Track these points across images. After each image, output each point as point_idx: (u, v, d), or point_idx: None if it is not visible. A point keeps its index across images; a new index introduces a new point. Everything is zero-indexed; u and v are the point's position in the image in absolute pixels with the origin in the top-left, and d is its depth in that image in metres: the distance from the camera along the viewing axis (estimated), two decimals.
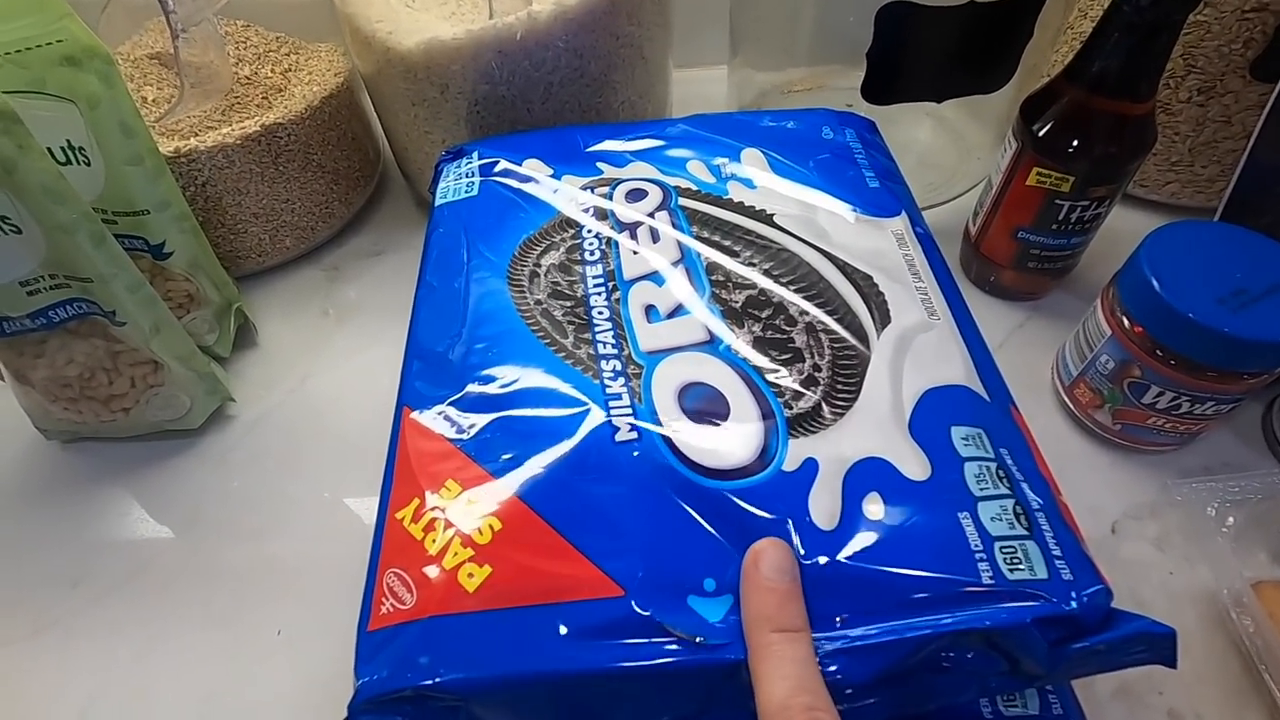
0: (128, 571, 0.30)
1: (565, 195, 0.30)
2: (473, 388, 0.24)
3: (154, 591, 0.30)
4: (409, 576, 0.20)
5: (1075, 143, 0.30)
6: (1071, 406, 0.32)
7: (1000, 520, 0.20)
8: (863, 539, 0.19)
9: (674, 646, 0.18)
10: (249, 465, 0.34)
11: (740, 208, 0.29)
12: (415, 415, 0.24)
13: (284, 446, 0.34)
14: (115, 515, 0.32)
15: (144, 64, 0.43)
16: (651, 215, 0.28)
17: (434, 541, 0.20)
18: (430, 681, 0.18)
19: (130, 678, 0.27)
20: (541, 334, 0.25)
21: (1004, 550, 0.19)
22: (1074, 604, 0.18)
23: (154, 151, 0.30)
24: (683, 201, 0.29)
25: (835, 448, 0.21)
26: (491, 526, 0.20)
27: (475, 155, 0.32)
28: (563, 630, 0.18)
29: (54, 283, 0.28)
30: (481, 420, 0.23)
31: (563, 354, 0.24)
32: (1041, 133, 0.31)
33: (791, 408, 0.22)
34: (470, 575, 0.19)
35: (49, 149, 0.26)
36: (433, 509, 0.21)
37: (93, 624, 0.29)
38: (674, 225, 0.28)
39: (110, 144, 0.29)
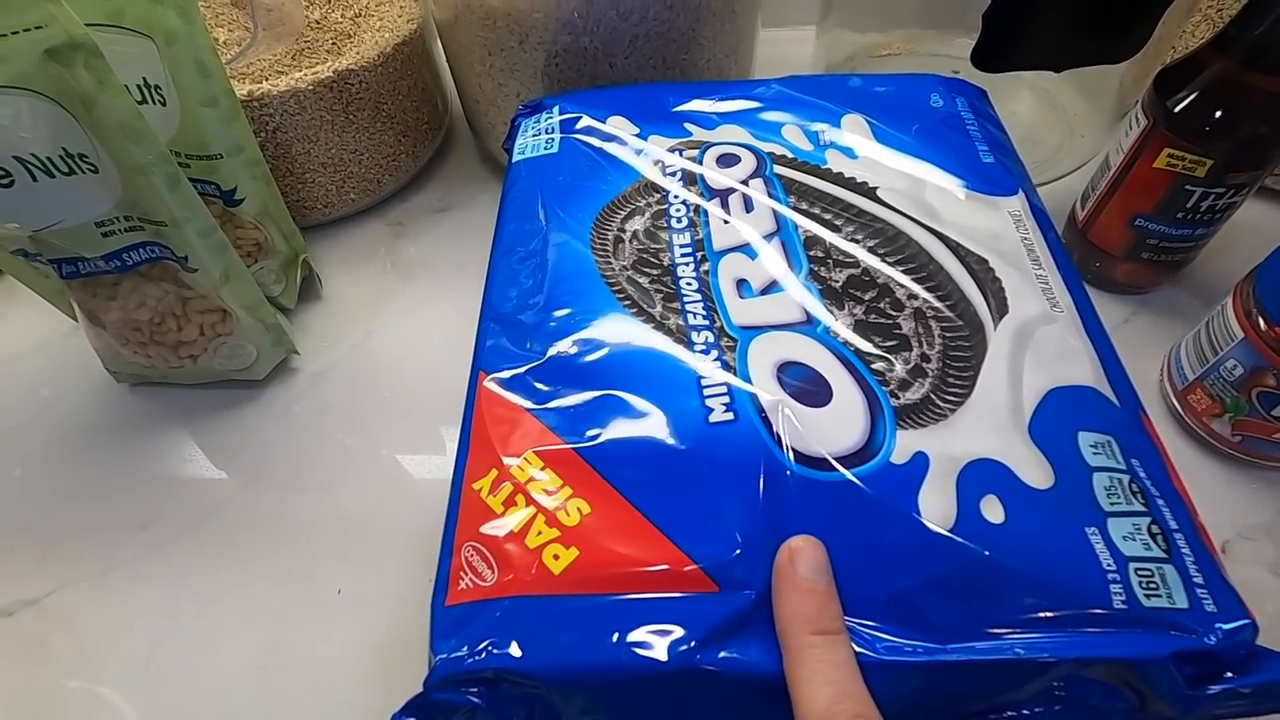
0: (194, 517, 0.30)
1: (651, 157, 0.28)
2: (554, 355, 0.22)
3: (219, 539, 0.30)
4: (489, 552, 0.19)
5: (1218, 120, 0.27)
6: (1182, 413, 0.30)
7: (1134, 540, 0.18)
8: (981, 544, 0.18)
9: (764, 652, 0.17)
10: (311, 419, 0.33)
11: (840, 179, 0.26)
12: (492, 381, 0.23)
13: (346, 402, 0.34)
14: (182, 460, 0.32)
15: (216, 4, 0.42)
16: (744, 183, 0.26)
17: (515, 517, 0.19)
18: (515, 666, 0.17)
19: (195, 625, 0.27)
20: (627, 302, 0.23)
21: (1140, 573, 0.17)
22: (1216, 639, 0.16)
23: (229, 93, 0.30)
24: (778, 170, 0.27)
25: (947, 444, 0.19)
26: (580, 509, 0.19)
27: (556, 110, 0.30)
28: (656, 626, 0.17)
29: (129, 225, 0.27)
30: (563, 391, 0.22)
31: (651, 324, 0.23)
32: (1179, 108, 0.28)
33: (898, 397, 0.20)
34: (556, 557, 0.18)
35: (125, 86, 0.25)
36: (512, 482, 0.20)
37: (160, 568, 0.29)
38: (769, 194, 0.26)
39: (186, 83, 0.28)
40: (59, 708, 0.26)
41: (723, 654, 0.17)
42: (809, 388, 0.20)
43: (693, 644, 0.17)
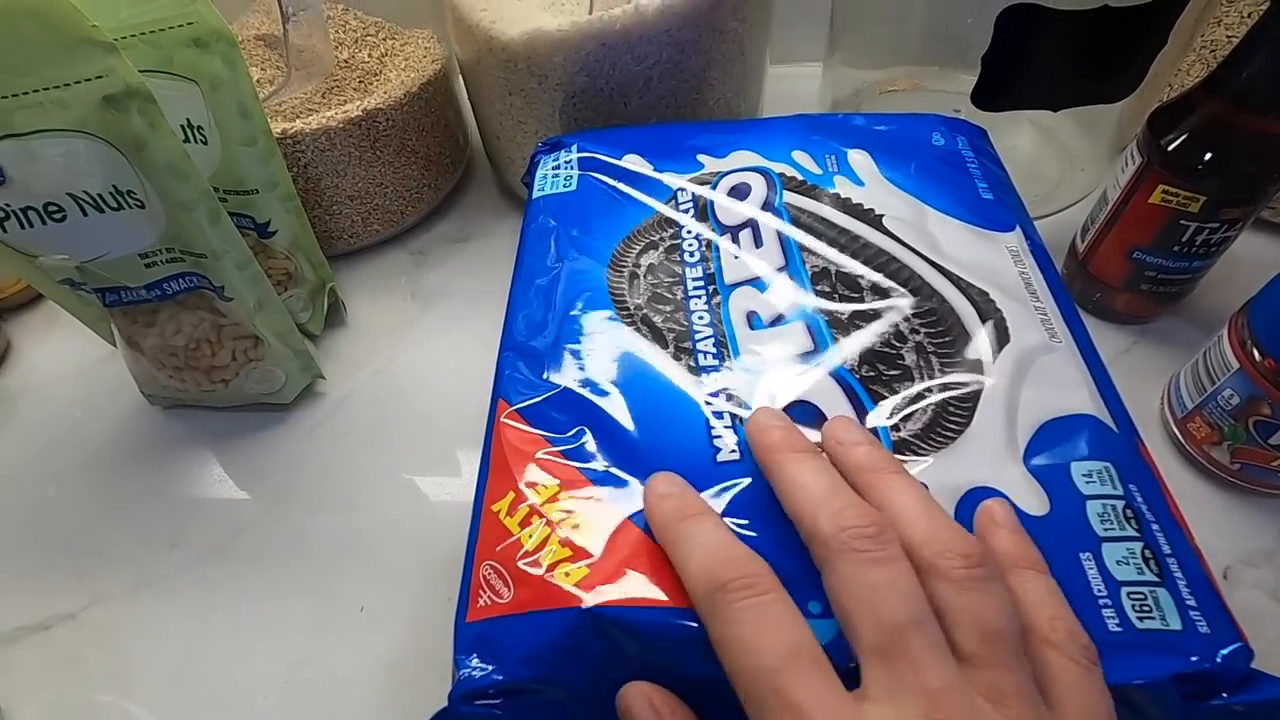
0: (222, 536, 0.31)
1: (665, 193, 0.29)
2: (569, 386, 0.24)
3: (247, 558, 0.31)
4: (506, 570, 0.20)
5: (1209, 160, 0.29)
6: (1183, 441, 0.30)
7: (1127, 564, 0.18)
8: None
9: None
10: (335, 442, 0.35)
11: (848, 205, 0.28)
12: (511, 409, 0.24)
13: (369, 426, 0.35)
14: (212, 481, 0.33)
15: (250, 45, 0.44)
16: (754, 217, 0.28)
17: (530, 537, 0.20)
18: (532, 676, 0.18)
19: (222, 642, 0.28)
20: (642, 341, 0.24)
21: (1132, 596, 0.18)
22: (1212, 661, 0.17)
23: (267, 133, 0.31)
24: (788, 198, 0.28)
25: (945, 474, 0.20)
26: (591, 530, 0.20)
27: (574, 148, 0.32)
28: (659, 636, 0.18)
29: (170, 256, 0.29)
30: (578, 421, 0.23)
31: (662, 364, 0.24)
32: (1171, 147, 0.29)
33: (899, 430, 0.21)
34: (567, 574, 0.19)
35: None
36: (528, 504, 0.21)
37: (189, 585, 0.30)
38: (778, 228, 0.27)
39: (228, 124, 0.30)
40: (90, 719, 0.27)
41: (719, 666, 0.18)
42: (812, 430, 0.21)
43: (700, 652, 0.18)
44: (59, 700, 0.28)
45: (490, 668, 0.18)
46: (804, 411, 0.22)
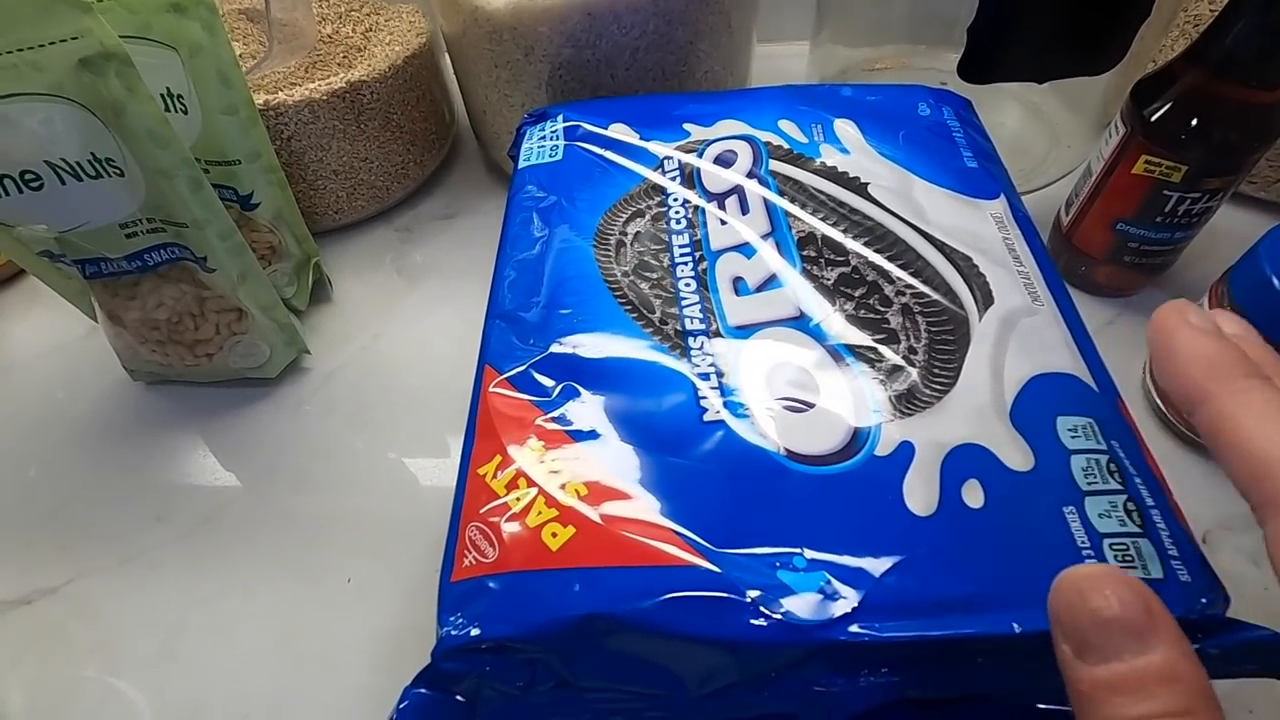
0: (208, 510, 0.31)
1: (651, 160, 0.29)
2: (556, 351, 0.24)
3: (232, 532, 0.31)
4: (491, 531, 0.20)
5: (1191, 129, 0.29)
6: (1164, 409, 0.31)
7: (1110, 516, 0.19)
8: (961, 527, 0.19)
9: (757, 620, 0.18)
10: (321, 417, 0.34)
11: (834, 174, 0.28)
12: (499, 376, 0.24)
13: (355, 402, 0.35)
14: (197, 456, 0.33)
15: (231, 18, 0.44)
16: (740, 184, 0.28)
17: (517, 499, 0.20)
18: (513, 634, 0.18)
19: (209, 615, 0.28)
20: (628, 306, 0.24)
21: (1114, 548, 0.18)
22: (1194, 608, 0.17)
23: (249, 102, 0.31)
24: (774, 166, 0.28)
25: (931, 432, 0.20)
26: (577, 491, 0.20)
27: (560, 118, 0.32)
28: (645, 593, 0.18)
29: (151, 226, 0.29)
30: (564, 385, 0.23)
31: (649, 328, 0.24)
32: (1154, 117, 0.30)
33: (885, 389, 0.21)
34: (554, 535, 0.19)
35: None
36: (515, 466, 0.21)
37: (176, 559, 0.30)
38: (764, 196, 0.27)
39: (208, 93, 0.30)
40: (74, 695, 0.27)
41: (710, 621, 0.18)
42: (798, 388, 0.21)
43: (682, 611, 0.18)
44: (43, 676, 0.27)
45: (473, 625, 0.18)
46: (789, 375, 0.22)
